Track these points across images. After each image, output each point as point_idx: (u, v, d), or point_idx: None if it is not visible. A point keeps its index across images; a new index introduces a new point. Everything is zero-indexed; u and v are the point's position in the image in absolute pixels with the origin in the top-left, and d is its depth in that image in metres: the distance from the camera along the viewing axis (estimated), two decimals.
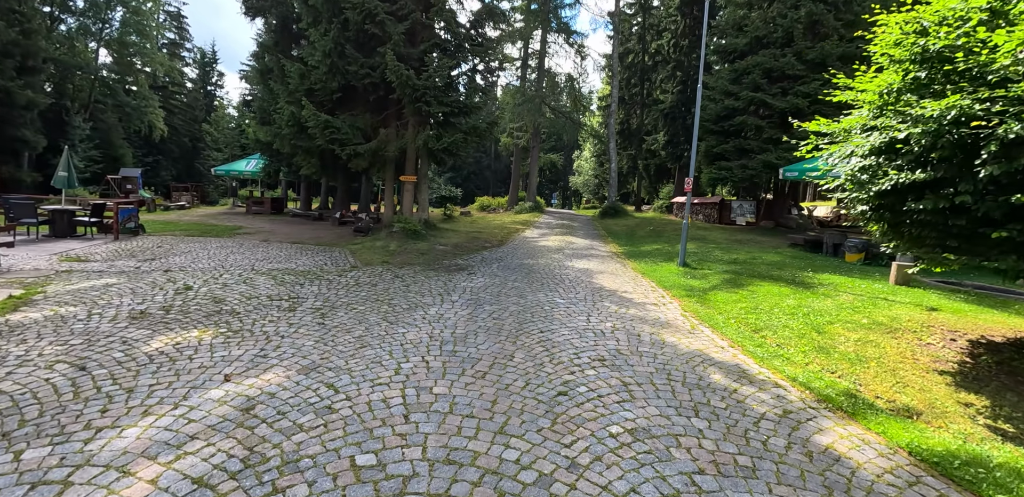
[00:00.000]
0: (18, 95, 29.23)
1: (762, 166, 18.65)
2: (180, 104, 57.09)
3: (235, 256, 10.70)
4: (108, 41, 45.66)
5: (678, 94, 29.63)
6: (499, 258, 12.28)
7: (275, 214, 24.79)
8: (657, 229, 20.73)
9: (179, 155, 54.62)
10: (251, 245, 12.42)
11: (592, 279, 10.25)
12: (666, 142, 30.03)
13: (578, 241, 16.76)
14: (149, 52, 46.18)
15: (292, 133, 14.38)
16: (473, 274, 9.92)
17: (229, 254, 10.96)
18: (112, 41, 45.48)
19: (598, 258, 13.26)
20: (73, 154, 37.61)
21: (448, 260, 11.43)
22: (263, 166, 21.89)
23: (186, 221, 19.09)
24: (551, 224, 22.42)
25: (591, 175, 55.80)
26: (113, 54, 46.22)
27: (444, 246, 12.90)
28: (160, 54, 48.35)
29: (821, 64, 18.61)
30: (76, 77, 42.12)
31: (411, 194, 15.43)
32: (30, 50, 31.49)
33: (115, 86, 43.88)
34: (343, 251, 11.76)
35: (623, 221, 24.93)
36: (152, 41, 47.23)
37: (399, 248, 12.05)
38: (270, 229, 16.52)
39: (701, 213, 26.55)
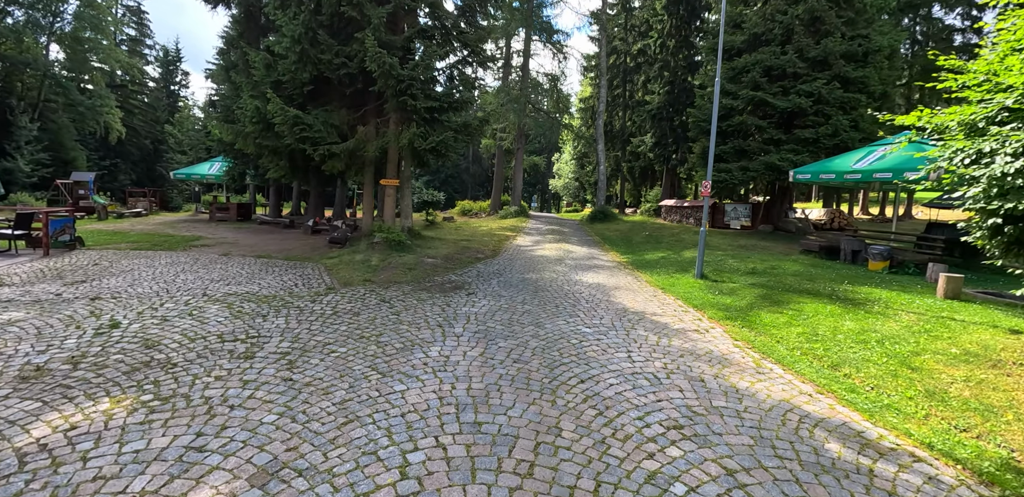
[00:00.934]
0: None
1: (764, 168, 17.62)
2: (140, 104, 53.85)
3: (186, 276, 8.91)
4: (60, 36, 42.53)
5: (665, 95, 28.64)
6: (497, 272, 10.77)
7: (241, 221, 22.74)
8: (653, 234, 19.52)
9: (139, 158, 51.41)
10: (208, 260, 10.61)
11: (610, 297, 8.83)
12: (654, 144, 29.00)
13: (576, 249, 15.37)
14: (105, 48, 43.15)
15: (257, 131, 12.60)
16: (473, 294, 8.38)
17: (179, 273, 9.17)
18: (64, 36, 42.37)
19: (605, 270, 11.88)
20: (19, 156, 34.61)
21: (440, 276, 9.86)
22: (226, 169, 19.89)
23: (138, 231, 17.00)
24: (541, 230, 21.01)
25: (571, 178, 54.73)
26: (66, 50, 43.07)
27: (433, 259, 11.32)
28: (118, 50, 45.30)
29: (823, 62, 17.72)
30: (24, 74, 38.99)
31: (393, 199, 13.80)
32: None
33: (67, 84, 40.72)
34: (317, 267, 10.06)
35: (614, 226, 23.69)
36: (109, 37, 44.21)
37: (382, 262, 10.42)
38: (233, 239, 14.64)
39: (692, 216, 25.52)
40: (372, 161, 13.29)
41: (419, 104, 10.99)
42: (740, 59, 19.06)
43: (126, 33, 52.87)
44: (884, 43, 17.67)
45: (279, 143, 12.40)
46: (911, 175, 11.97)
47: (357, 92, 12.73)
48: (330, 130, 11.90)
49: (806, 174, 14.31)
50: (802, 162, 17.06)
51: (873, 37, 17.67)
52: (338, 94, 12.93)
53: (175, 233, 16.45)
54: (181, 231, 17.19)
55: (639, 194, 39.82)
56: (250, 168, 18.92)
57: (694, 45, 28.33)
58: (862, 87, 17.57)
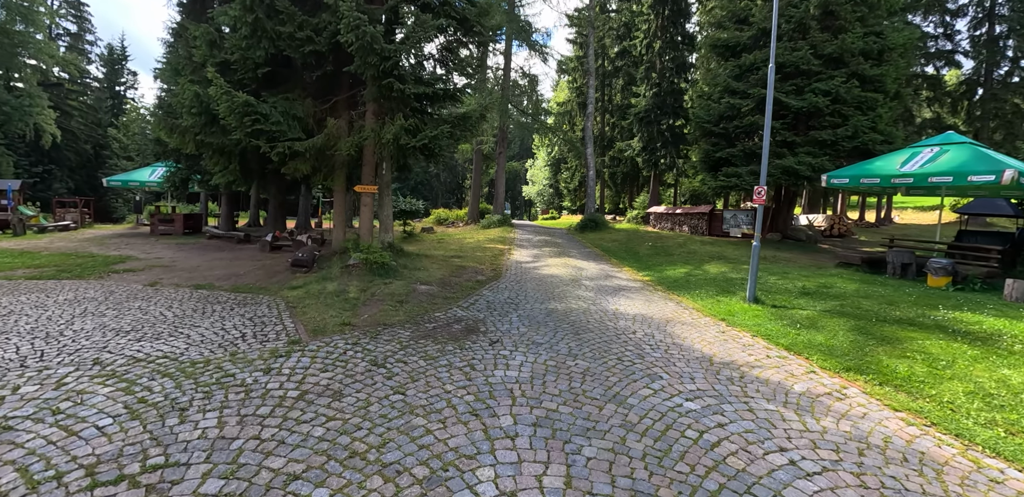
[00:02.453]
0: None
1: (780, 172, 15.92)
2: (80, 105, 48.91)
3: (83, 323, 6.18)
4: None
5: (652, 97, 27.00)
6: (511, 301, 8.40)
7: (189, 235, 19.54)
8: (658, 245, 17.55)
9: (78, 164, 46.52)
10: (125, 295, 7.83)
11: (672, 337, 6.62)
12: (641, 148, 27.28)
13: (585, 266, 13.15)
14: (37, 42, 38.59)
15: (198, 125, 9.88)
16: (498, 342, 5.99)
17: (76, 318, 6.41)
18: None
19: (635, 293, 9.70)
20: None
21: (442, 310, 7.42)
22: (167, 174, 16.81)
23: (54, 250, 13.82)
24: (533, 241, 18.74)
25: (545, 184, 52.90)
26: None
27: (428, 285, 8.84)
28: (52, 45, 40.70)
29: (838, 59, 16.23)
30: None
31: (370, 210, 11.26)
32: None
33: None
34: (275, 303, 7.43)
35: (608, 235, 21.66)
36: (42, 29, 39.59)
37: (363, 293, 7.88)
38: (170, 260, 11.75)
39: (686, 224, 23.81)
40: (344, 163, 10.74)
41: (408, 89, 8.55)
42: (748, 56, 17.41)
43: (64, 27, 48.05)
44: (899, 40, 16.34)
45: (225, 140, 9.71)
46: (976, 178, 10.36)
47: (326, 77, 10.20)
48: (292, 123, 9.32)
49: (842, 178, 12.57)
50: (822, 166, 15.44)
51: (888, 34, 16.32)
52: (302, 79, 10.36)
53: (100, 252, 13.37)
54: (108, 250, 14.09)
55: (618, 201, 38.19)
56: (195, 173, 15.97)
57: (681, 45, 26.83)
58: (879, 86, 16.16)
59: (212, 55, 9.82)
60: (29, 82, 40.11)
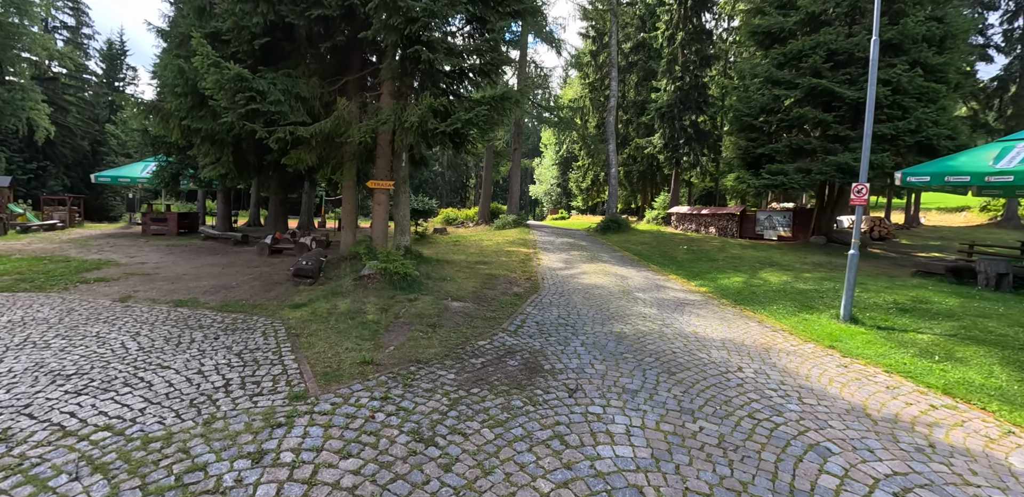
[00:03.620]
0: None
1: (834, 169, 14.26)
2: (77, 101, 47.20)
3: (15, 360, 4.51)
4: None
5: (676, 91, 25.34)
6: (565, 322, 6.76)
7: (184, 235, 17.86)
8: (693, 249, 15.90)
9: (74, 161, 44.78)
10: (85, 315, 6.16)
11: (794, 377, 5.01)
12: (663, 145, 25.63)
13: (626, 273, 11.50)
14: (31, 34, 36.83)
15: (183, 107, 8.22)
16: (579, 391, 4.34)
17: (8, 351, 4.75)
18: None
19: (703, 309, 8.06)
20: None
21: (486, 338, 5.77)
22: (157, 170, 15.13)
23: (27, 252, 12.16)
24: (555, 243, 17.08)
25: (553, 183, 51.22)
26: None
27: (460, 301, 7.18)
28: (46, 37, 38.91)
29: (898, 46, 14.58)
30: None
31: (385, 209, 9.61)
32: None
33: None
34: (273, 329, 5.73)
35: (632, 237, 20.00)
36: (36, 20, 37.80)
37: (384, 314, 6.22)
38: (154, 266, 10.10)
39: (712, 225, 22.17)
40: (355, 154, 9.09)
41: (439, 61, 6.91)
42: (795, 42, 15.74)
43: (60, 20, 46.29)
44: (963, 26, 14.70)
45: (216, 125, 8.06)
46: None
47: (336, 52, 8.54)
48: (295, 104, 7.66)
49: (922, 176, 10.91)
50: (881, 163, 13.79)
51: (951, 19, 14.68)
52: (306, 55, 8.70)
53: (77, 256, 11.71)
54: (89, 253, 12.43)
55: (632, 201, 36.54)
56: (188, 168, 14.32)
57: (705, 37, 25.16)
58: (940, 76, 14.52)
59: (202, 25, 8.16)
60: (21, 75, 38.42)
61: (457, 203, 61.59)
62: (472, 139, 7.85)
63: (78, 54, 47.12)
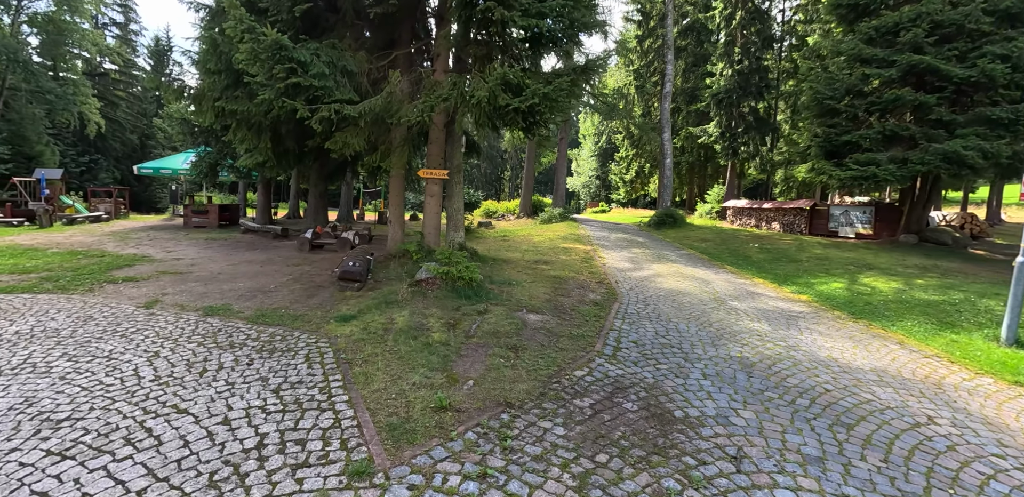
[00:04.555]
0: None
1: (940, 159, 12.32)
2: (127, 96, 48.03)
3: (4, 392, 3.53)
4: (32, 17, 36.70)
5: (734, 76, 23.32)
6: (667, 343, 5.44)
7: (224, 228, 17.24)
8: (767, 247, 14.22)
9: (123, 154, 45.65)
10: (103, 326, 5.19)
11: (1012, 435, 3.56)
12: (719, 134, 23.69)
13: (703, 275, 10.04)
14: (82, 31, 37.32)
15: (217, 86, 7.20)
16: (743, 460, 3.04)
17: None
18: (38, 17, 36.54)
19: (820, 324, 6.59)
20: None
21: (583, 367, 4.49)
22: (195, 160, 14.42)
23: (66, 245, 11.59)
24: (611, 240, 15.65)
25: (592, 176, 49.40)
26: (41, 33, 37.25)
27: (537, 314, 5.91)
28: (96, 33, 39.41)
29: (1017, 16, 12.49)
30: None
31: (438, 202, 8.43)
32: None
33: (37, 70, 34.81)
34: (318, 352, 4.51)
35: (691, 233, 18.36)
36: (87, 17, 38.30)
37: (452, 332, 5.00)
38: (189, 263, 9.23)
39: (776, 220, 20.25)
40: (406, 138, 7.91)
41: (514, 20, 5.61)
42: (889, 14, 13.74)
43: (109, 17, 47.00)
44: None
45: (252, 107, 6.99)
46: None
47: (385, 22, 7.35)
48: (340, 79, 6.51)
49: None
50: (997, 152, 11.81)
51: None
52: (351, 27, 7.54)
53: (114, 250, 11.02)
54: (126, 247, 11.76)
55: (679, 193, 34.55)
56: (226, 157, 13.54)
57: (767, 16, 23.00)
58: None
59: None
60: (73, 71, 39.09)
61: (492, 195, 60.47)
62: (545, 120, 6.54)
63: (127, 50, 47.86)
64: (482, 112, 6.30)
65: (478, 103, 6.08)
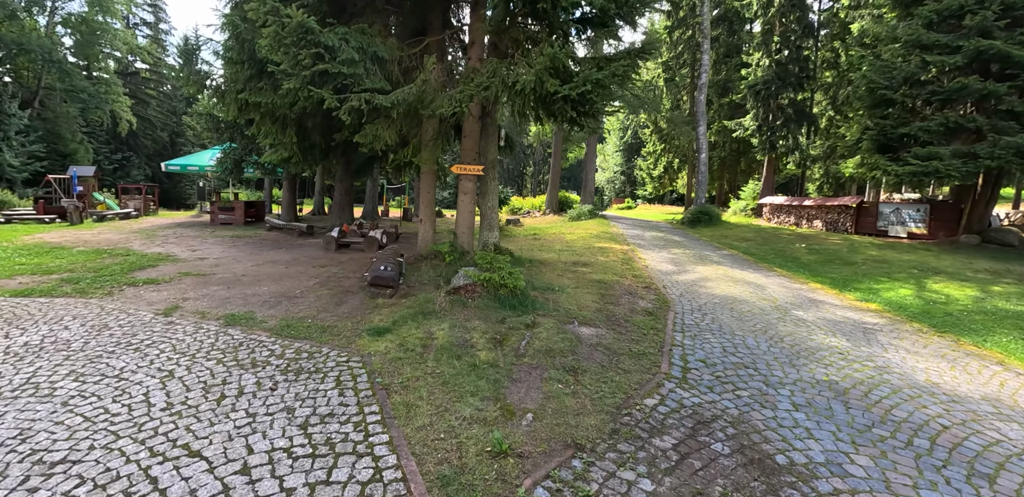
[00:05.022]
0: None
1: (1013, 154, 11.23)
2: (157, 94, 48.69)
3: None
4: (66, 18, 37.31)
5: (772, 66, 22.15)
6: (739, 362, 4.75)
7: (250, 224, 17.01)
8: (815, 248, 13.29)
9: (154, 152, 46.34)
10: (117, 337, 4.73)
11: None
12: (756, 127, 22.57)
13: (754, 279, 9.26)
14: (114, 31, 37.79)
15: (239, 77, 6.72)
16: None
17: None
18: (71, 18, 37.13)
19: (902, 338, 5.81)
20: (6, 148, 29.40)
21: (652, 394, 3.84)
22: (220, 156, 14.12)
23: (92, 244, 11.39)
24: (647, 238, 14.89)
25: (616, 171, 48.30)
26: (74, 33, 37.85)
27: (589, 326, 5.26)
28: (127, 33, 39.91)
29: None
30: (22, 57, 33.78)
31: (471, 199, 7.83)
32: None
33: (72, 70, 35.34)
34: (351, 376, 3.82)
35: (728, 231, 17.45)
36: (118, 17, 38.77)
37: (500, 350, 4.39)
38: (212, 264, 8.84)
39: (818, 218, 19.16)
40: (437, 132, 7.33)
41: None
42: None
43: (140, 17, 47.60)
44: None
45: (277, 98, 6.48)
46: None
47: (416, 5, 6.76)
48: (371, 67, 5.94)
49: None
50: None
51: None
52: (381, 11, 6.96)
53: (139, 249, 10.74)
54: (152, 245, 11.49)
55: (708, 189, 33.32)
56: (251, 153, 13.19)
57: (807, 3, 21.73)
58: None
59: None
60: (106, 70, 39.65)
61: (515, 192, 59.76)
62: (596, 109, 5.86)
63: (157, 49, 48.44)
64: (526, 101, 5.66)
65: (522, 91, 5.44)
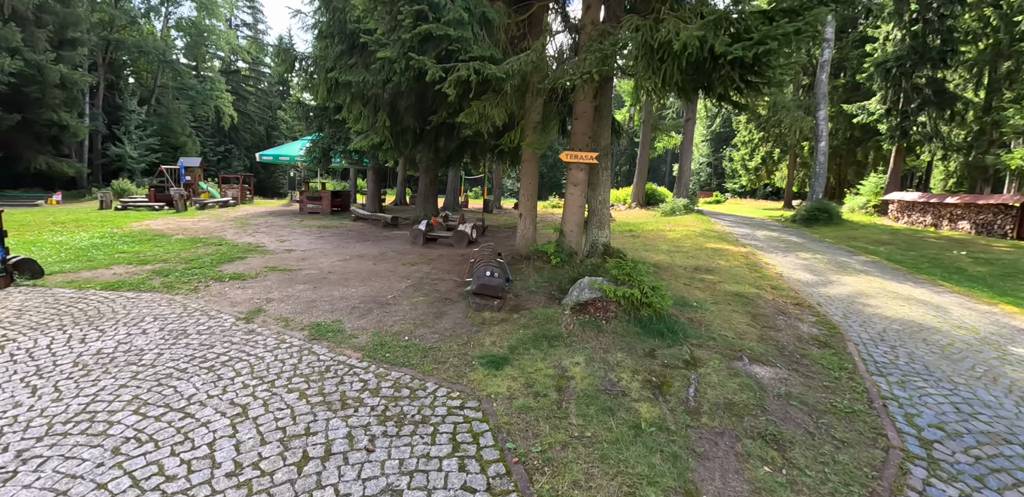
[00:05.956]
0: (49, 70, 23.02)
1: None
2: (255, 91, 51.55)
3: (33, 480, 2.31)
4: (179, 22, 40.10)
5: (906, 39, 18.88)
6: (987, 428, 3.23)
7: (335, 214, 16.95)
8: (979, 255, 10.83)
9: (252, 144, 49.11)
10: (194, 348, 4.03)
11: None
12: (885, 111, 19.42)
13: (923, 296, 7.33)
14: (215, 30, 40.15)
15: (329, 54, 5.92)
16: None
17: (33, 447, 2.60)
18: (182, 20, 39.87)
19: None
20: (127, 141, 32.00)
21: (905, 491, 2.53)
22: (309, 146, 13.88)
23: (191, 232, 11.47)
24: (761, 239, 12.97)
25: (703, 162, 44.97)
26: (185, 36, 40.65)
27: (764, 365, 3.92)
28: (230, 33, 42.30)
29: None
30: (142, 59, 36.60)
31: (582, 191, 6.63)
32: (68, 19, 25.37)
33: (183, 69, 37.94)
34: (471, 436, 2.68)
35: (854, 232, 14.99)
36: (222, 19, 41.15)
37: (664, 404, 3.20)
38: (299, 258, 8.30)
39: (965, 219, 16.08)
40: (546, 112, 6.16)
41: None
42: None
43: (241, 19, 50.39)
44: None
45: (368, 75, 5.59)
46: None
47: None
48: (479, 32, 4.86)
49: None
50: None
51: None
52: None
53: (232, 238, 10.60)
54: (244, 234, 11.37)
55: None
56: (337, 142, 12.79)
57: None
58: None
59: None
60: (211, 69, 42.29)
61: None
62: (774, 76, 4.43)
63: (255, 48, 51.17)
64: (677, 68, 4.33)
65: (672, 54, 4.13)
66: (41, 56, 22.72)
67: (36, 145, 24.50)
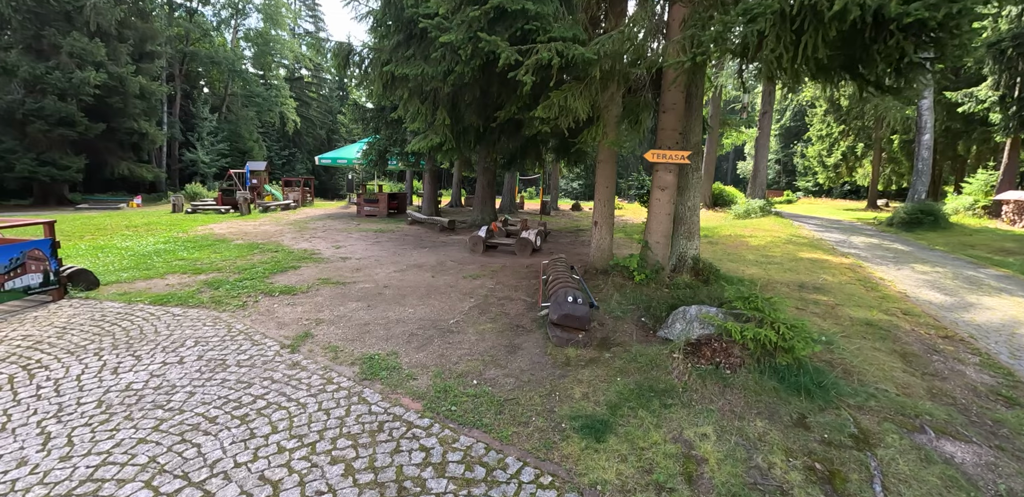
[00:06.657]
0: (130, 82, 24.31)
1: None
2: (316, 96, 53.21)
3: None
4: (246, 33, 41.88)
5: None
6: None
7: (392, 217, 16.65)
8: None
9: (314, 148, 50.70)
10: (228, 387, 3.42)
11: None
12: (999, 98, 16.90)
13: None
14: (280, 40, 41.59)
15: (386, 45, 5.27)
16: None
17: None
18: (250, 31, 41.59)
19: None
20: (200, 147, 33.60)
21: None
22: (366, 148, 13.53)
23: (251, 236, 11.36)
24: (856, 245, 11.35)
25: (772, 159, 41.96)
26: (253, 46, 42.40)
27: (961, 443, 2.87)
28: (293, 42, 43.73)
29: None
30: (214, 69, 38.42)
31: (670, 196, 5.63)
32: (147, 34, 26.77)
33: (250, 77, 39.55)
34: None
35: (969, 238, 12.95)
36: (285, 28, 42.59)
37: None
38: (353, 268, 7.77)
39: None
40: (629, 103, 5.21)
41: None
42: None
43: (304, 28, 52.11)
44: None
45: (428, 68, 4.87)
46: None
47: None
48: (558, 9, 4.00)
49: None
50: None
51: None
52: None
53: (288, 244, 10.32)
54: (301, 239, 11.10)
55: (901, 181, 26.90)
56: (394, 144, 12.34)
57: None
58: None
59: None
60: (277, 77, 43.87)
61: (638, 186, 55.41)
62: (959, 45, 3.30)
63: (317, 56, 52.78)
64: (822, 39, 3.30)
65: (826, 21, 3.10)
66: (123, 69, 23.99)
67: (119, 152, 26.00)
